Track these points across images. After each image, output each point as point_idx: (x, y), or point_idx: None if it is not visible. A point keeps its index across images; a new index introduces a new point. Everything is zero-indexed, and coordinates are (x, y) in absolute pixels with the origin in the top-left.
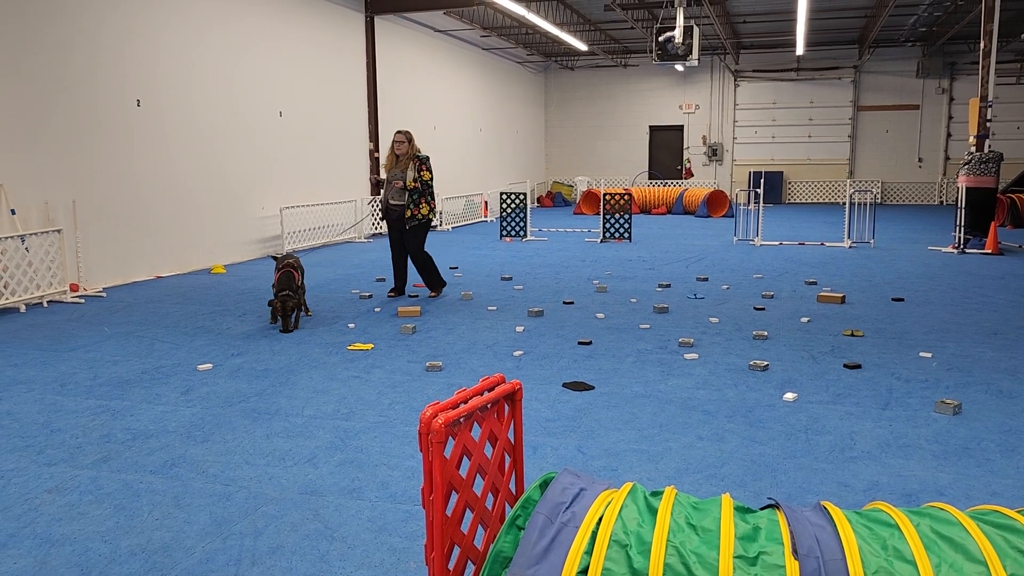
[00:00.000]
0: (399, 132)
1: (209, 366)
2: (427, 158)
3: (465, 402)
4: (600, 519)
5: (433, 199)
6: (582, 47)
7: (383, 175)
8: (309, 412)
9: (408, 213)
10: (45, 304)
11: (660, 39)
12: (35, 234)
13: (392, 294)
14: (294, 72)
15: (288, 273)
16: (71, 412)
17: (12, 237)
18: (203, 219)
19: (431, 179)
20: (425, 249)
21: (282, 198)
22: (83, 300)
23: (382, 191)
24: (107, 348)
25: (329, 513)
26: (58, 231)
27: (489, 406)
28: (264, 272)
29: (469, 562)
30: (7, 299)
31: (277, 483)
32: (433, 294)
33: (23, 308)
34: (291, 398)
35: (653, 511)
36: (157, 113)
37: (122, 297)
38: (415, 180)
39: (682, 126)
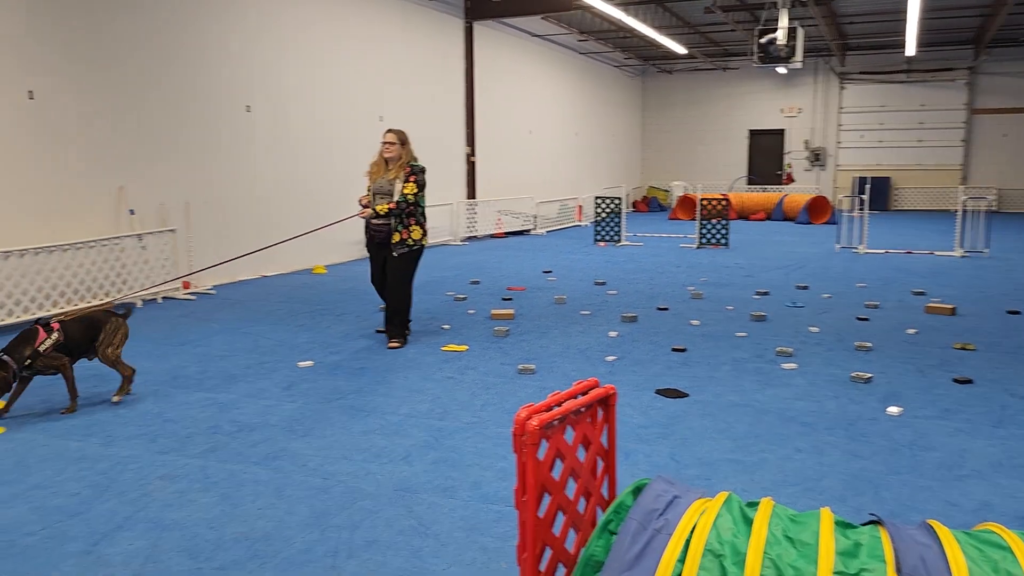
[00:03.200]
0: (390, 131)
1: (310, 363)
2: (422, 169)
3: (559, 405)
4: (694, 528)
5: (424, 220)
6: (681, 50)
7: (369, 186)
8: (404, 411)
9: (396, 237)
10: (159, 300)
11: (762, 41)
12: (151, 233)
13: (392, 343)
14: (394, 78)
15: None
16: (182, 403)
17: (131, 236)
18: (305, 221)
19: (416, 195)
20: (411, 286)
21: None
22: (194, 297)
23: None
24: (215, 343)
25: (423, 510)
26: (172, 231)
27: (583, 410)
28: (362, 273)
29: (560, 565)
30: (125, 295)
31: (373, 479)
32: (395, 344)
33: (140, 303)
34: (387, 396)
35: (749, 522)
36: (264, 119)
37: (229, 295)
38: (398, 196)
39: (783, 130)
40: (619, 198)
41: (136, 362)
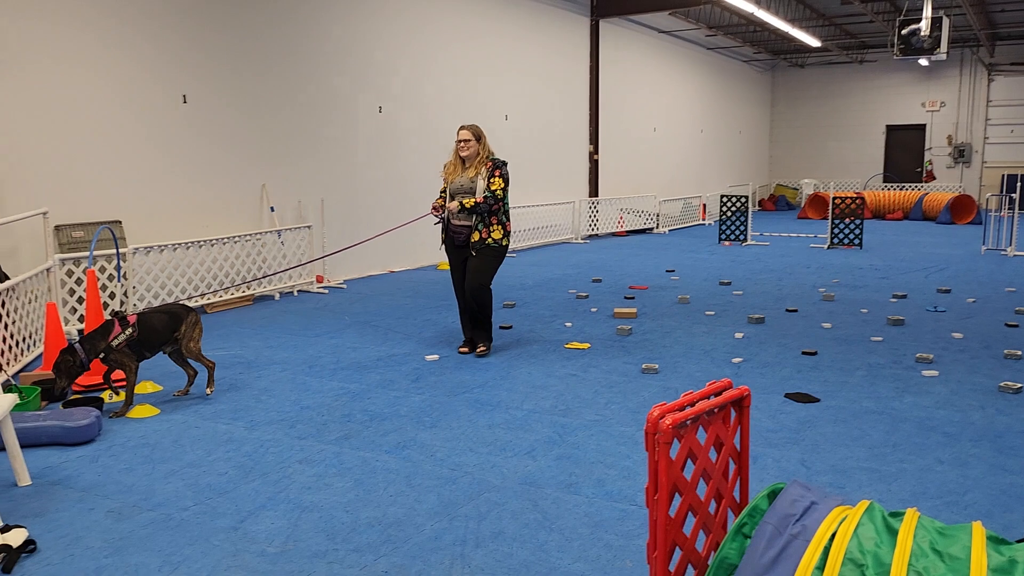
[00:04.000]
0: (463, 128)
1: (436, 357)
2: (504, 163)
3: (692, 405)
4: (833, 535)
5: (508, 219)
6: (815, 43)
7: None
8: (528, 406)
9: (476, 236)
10: (295, 293)
11: (903, 32)
12: (289, 229)
13: (464, 350)
14: (521, 77)
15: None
16: (317, 392)
17: (271, 232)
18: (432, 217)
19: (504, 191)
20: (491, 288)
21: None
22: (327, 291)
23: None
24: (347, 335)
25: (547, 505)
26: (308, 227)
27: (716, 411)
28: None
29: (690, 566)
30: (264, 288)
31: (498, 472)
32: (482, 349)
33: (277, 296)
34: (511, 391)
35: (893, 532)
36: (396, 119)
37: (360, 289)
38: (484, 192)
39: (924, 125)
40: (745, 196)
41: (275, 353)
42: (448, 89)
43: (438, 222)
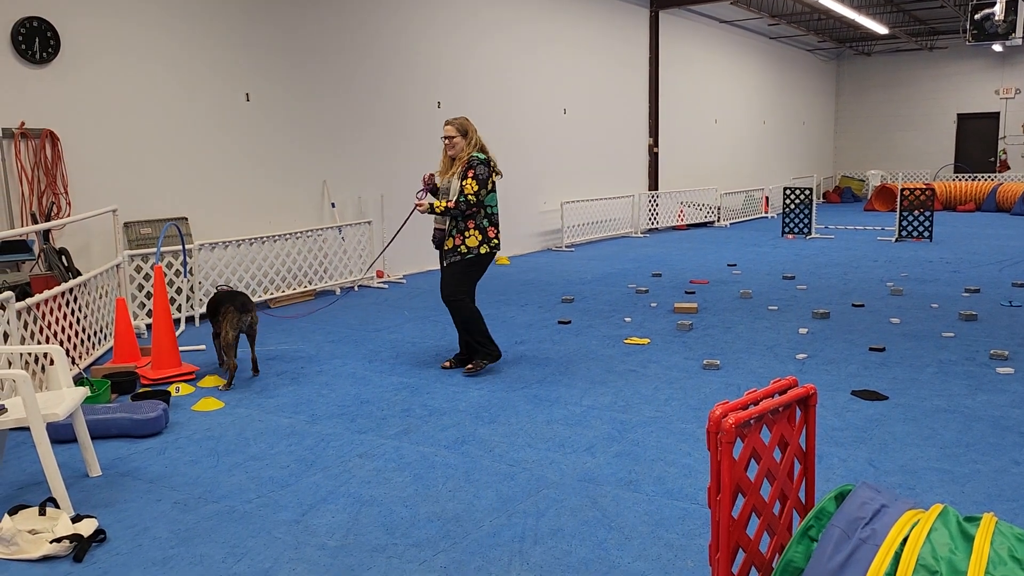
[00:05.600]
0: (447, 123)
1: None
2: (483, 160)
3: (756, 403)
4: (904, 540)
5: (492, 224)
6: (882, 30)
7: (439, 183)
8: (587, 402)
9: (449, 243)
10: (356, 288)
11: (976, 17)
12: (350, 225)
13: (449, 364)
14: (579, 70)
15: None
16: (377, 386)
17: (332, 228)
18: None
19: (477, 193)
20: (470, 301)
21: (563, 192)
22: (386, 286)
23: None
24: (406, 330)
25: (607, 502)
26: (368, 223)
27: (780, 409)
28: (545, 265)
29: (753, 568)
30: (326, 282)
31: (557, 468)
32: (471, 367)
33: (338, 291)
34: (570, 387)
35: (968, 538)
36: (455, 113)
37: (419, 284)
38: (457, 195)
39: (998, 113)
40: (809, 188)
41: (336, 347)
42: (506, 83)
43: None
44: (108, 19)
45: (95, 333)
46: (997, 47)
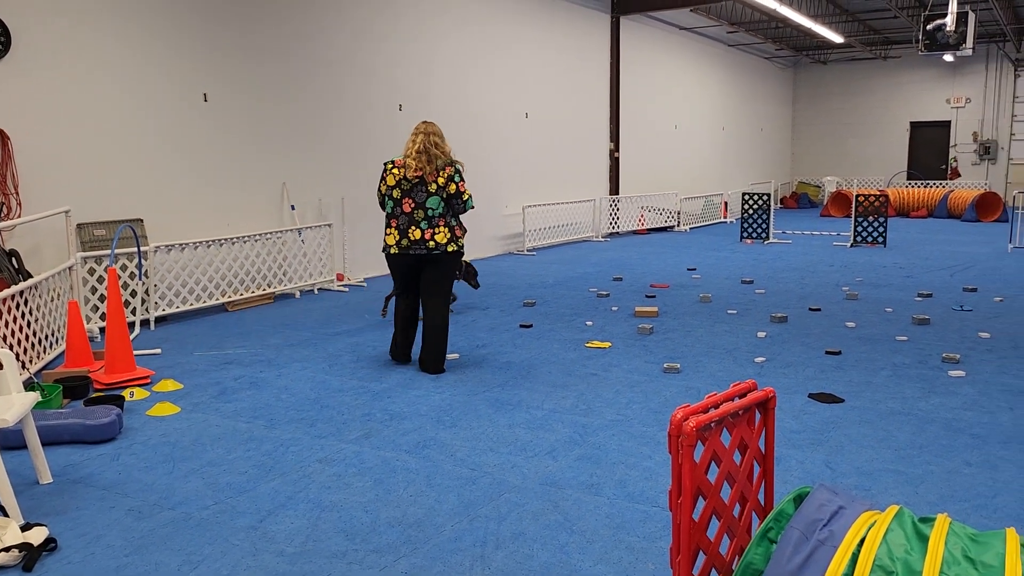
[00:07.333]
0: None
1: (456, 356)
2: (383, 165)
3: (716, 407)
4: (862, 541)
5: (388, 223)
6: (837, 39)
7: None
8: (549, 406)
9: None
10: (316, 291)
11: (929, 27)
12: (310, 227)
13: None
14: (541, 74)
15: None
16: (338, 390)
17: (292, 230)
18: None
19: (379, 192)
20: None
21: (525, 196)
22: (347, 289)
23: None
24: (367, 333)
25: (568, 506)
26: (329, 225)
27: (741, 413)
28: (507, 269)
29: (714, 570)
30: (285, 286)
31: (519, 472)
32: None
33: (298, 294)
34: (532, 391)
35: (923, 538)
36: (416, 117)
37: (380, 288)
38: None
39: (949, 122)
40: (767, 194)
41: (295, 351)
42: (468, 86)
43: None
44: (62, 17)
45: (46, 337)
46: (948, 57)
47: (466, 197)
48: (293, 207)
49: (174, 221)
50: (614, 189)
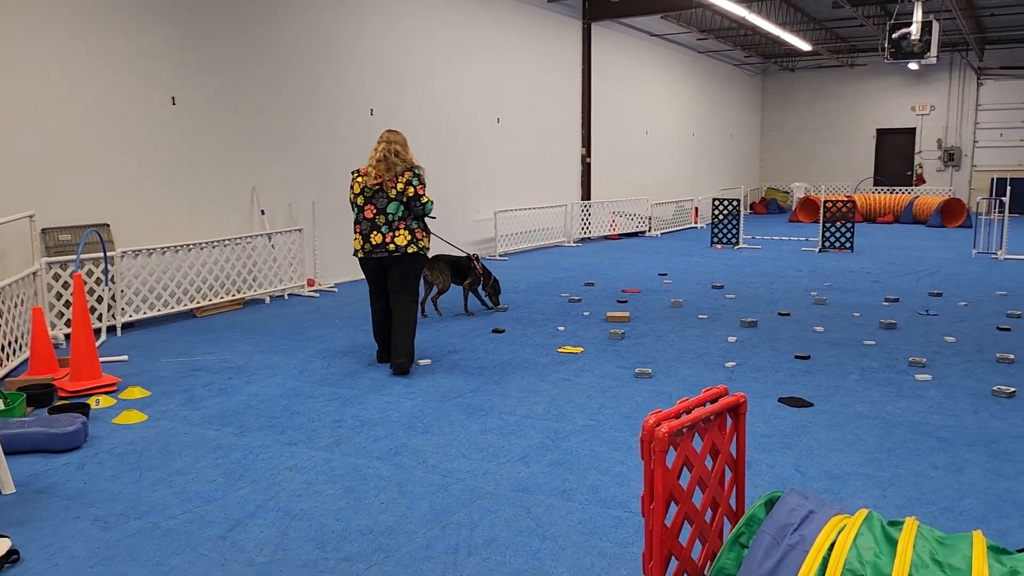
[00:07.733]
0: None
1: (428, 361)
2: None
3: (688, 412)
4: (832, 545)
5: (353, 228)
6: (805, 47)
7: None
8: (521, 411)
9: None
10: (286, 297)
11: (894, 36)
12: (280, 232)
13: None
14: (513, 80)
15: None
16: (308, 397)
17: (262, 235)
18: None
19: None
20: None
21: (496, 202)
22: (318, 294)
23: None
24: (338, 339)
25: (540, 512)
26: (299, 230)
27: (712, 418)
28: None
29: (686, 575)
30: (255, 291)
31: (491, 478)
32: (397, 371)
33: (268, 300)
34: (504, 396)
35: (892, 542)
36: (388, 121)
37: (351, 293)
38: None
39: (914, 129)
40: (737, 199)
41: (264, 357)
42: (440, 91)
43: None
44: (24, 18)
45: (10, 344)
46: (913, 65)
47: (424, 200)
48: (263, 212)
49: (142, 226)
50: (586, 194)
